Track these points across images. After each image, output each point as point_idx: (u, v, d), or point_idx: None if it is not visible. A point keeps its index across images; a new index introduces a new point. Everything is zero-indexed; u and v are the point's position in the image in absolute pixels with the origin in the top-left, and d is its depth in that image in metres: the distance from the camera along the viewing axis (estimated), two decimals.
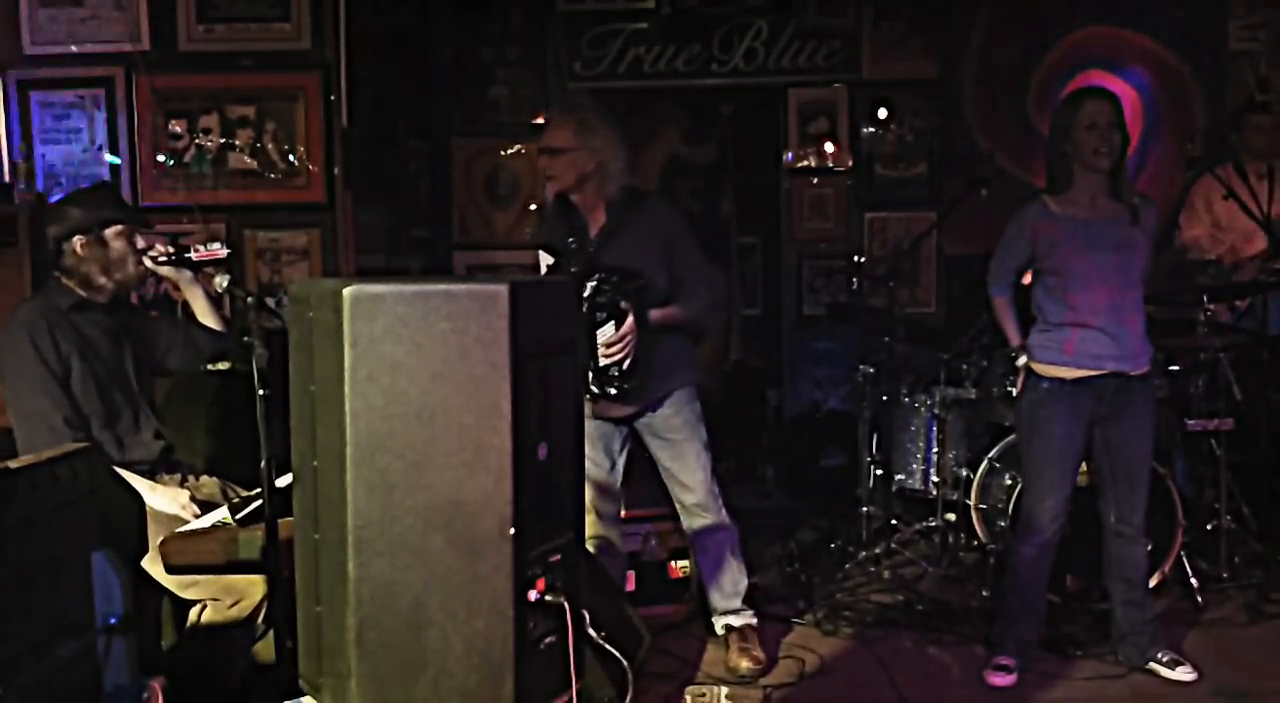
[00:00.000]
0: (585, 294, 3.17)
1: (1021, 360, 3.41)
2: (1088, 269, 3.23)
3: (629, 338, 3.22)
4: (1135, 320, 3.28)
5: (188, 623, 2.98)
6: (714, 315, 3.44)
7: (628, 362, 3.24)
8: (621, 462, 3.58)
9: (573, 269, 3.31)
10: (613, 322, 3.20)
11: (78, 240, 3.04)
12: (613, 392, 3.25)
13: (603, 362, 3.22)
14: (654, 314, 3.30)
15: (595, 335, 3.20)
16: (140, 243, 3.09)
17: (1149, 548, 3.46)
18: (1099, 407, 3.28)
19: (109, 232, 3.07)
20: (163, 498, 2.99)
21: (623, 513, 3.68)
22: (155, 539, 2.82)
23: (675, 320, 3.37)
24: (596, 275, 3.19)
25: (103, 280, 3.07)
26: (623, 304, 3.21)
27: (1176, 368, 4.17)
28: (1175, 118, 5.70)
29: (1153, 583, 3.88)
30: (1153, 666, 3.40)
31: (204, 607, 2.96)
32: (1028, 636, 3.43)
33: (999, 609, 3.58)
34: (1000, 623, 3.51)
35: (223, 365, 3.78)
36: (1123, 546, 3.39)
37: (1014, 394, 4.15)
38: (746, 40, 5.78)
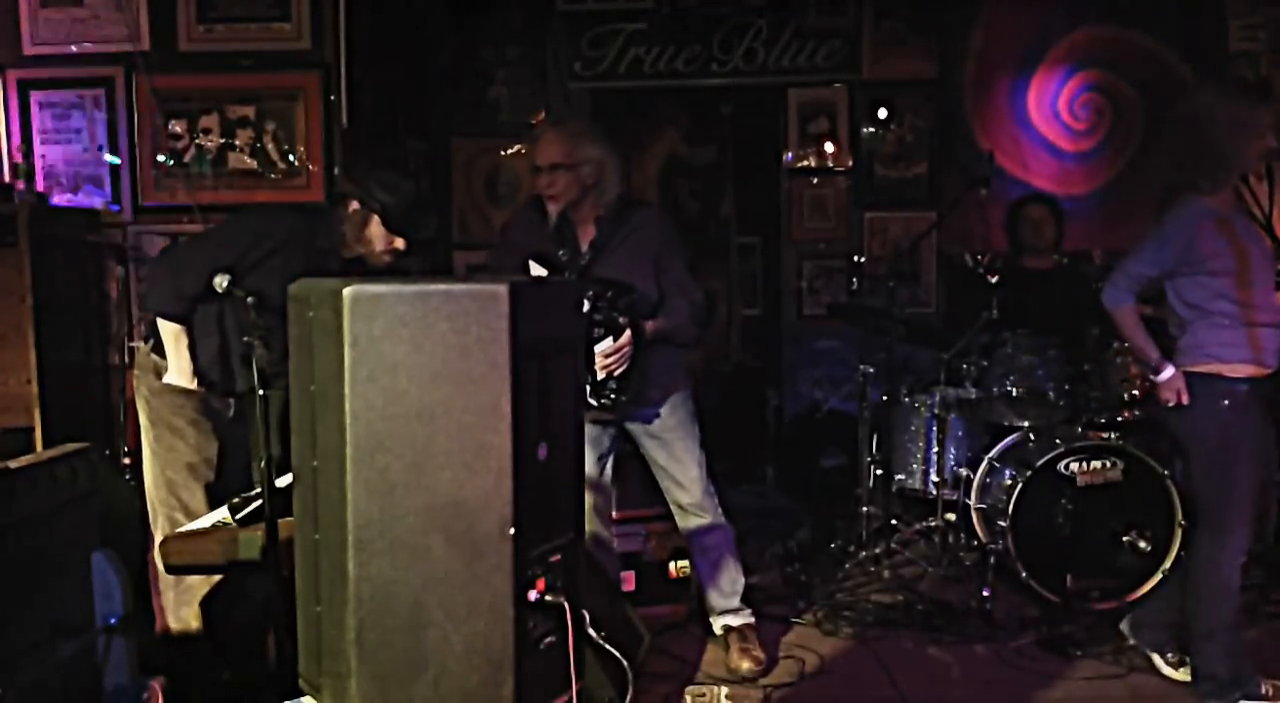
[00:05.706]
0: (583, 311, 3.16)
1: (1167, 373, 3.15)
2: (1254, 266, 3.10)
3: (626, 351, 3.23)
4: None
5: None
6: (690, 328, 3.43)
7: (620, 371, 3.26)
8: (610, 459, 3.59)
9: None
10: (610, 336, 3.22)
11: (353, 203, 3.17)
12: (607, 403, 3.27)
13: (600, 375, 3.23)
14: (648, 326, 3.32)
15: (593, 350, 3.21)
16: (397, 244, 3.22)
17: (1149, 550, 3.44)
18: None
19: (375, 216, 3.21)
20: None
21: (614, 512, 3.69)
22: None
23: (660, 332, 3.38)
24: (591, 293, 3.19)
25: (353, 246, 3.20)
26: (621, 319, 3.22)
27: None
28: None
29: (1152, 583, 3.89)
30: (1156, 658, 3.40)
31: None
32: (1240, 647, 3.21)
33: (1218, 634, 3.14)
34: (1220, 644, 3.13)
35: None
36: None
37: (1038, 403, 4.18)
38: (746, 40, 5.78)
